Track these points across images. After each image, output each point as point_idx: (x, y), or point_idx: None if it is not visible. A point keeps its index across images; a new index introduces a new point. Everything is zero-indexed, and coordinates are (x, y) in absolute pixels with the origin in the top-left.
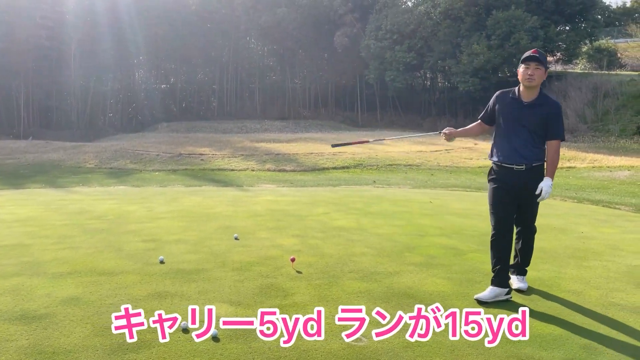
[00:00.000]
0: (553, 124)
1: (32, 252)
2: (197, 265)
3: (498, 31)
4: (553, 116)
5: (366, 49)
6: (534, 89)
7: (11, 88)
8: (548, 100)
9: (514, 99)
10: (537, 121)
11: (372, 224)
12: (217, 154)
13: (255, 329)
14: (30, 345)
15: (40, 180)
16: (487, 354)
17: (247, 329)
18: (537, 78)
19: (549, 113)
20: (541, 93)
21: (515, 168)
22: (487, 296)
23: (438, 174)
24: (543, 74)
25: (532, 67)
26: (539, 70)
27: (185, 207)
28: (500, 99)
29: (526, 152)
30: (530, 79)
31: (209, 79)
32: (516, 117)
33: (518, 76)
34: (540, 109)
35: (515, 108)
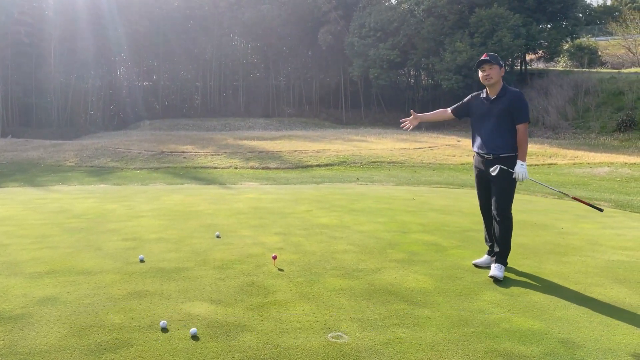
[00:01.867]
0: (517, 109)
1: (10, 252)
2: (178, 264)
3: (481, 29)
4: (515, 103)
5: (350, 47)
6: (495, 85)
7: None
8: (509, 91)
9: (483, 98)
10: (502, 111)
11: (355, 221)
12: (200, 152)
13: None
14: (5, 346)
15: (18, 179)
16: (466, 349)
17: (226, 327)
18: (494, 76)
19: (511, 101)
20: (503, 87)
21: (485, 157)
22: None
23: (421, 171)
24: (499, 71)
25: (487, 69)
26: (493, 70)
27: (166, 206)
28: (474, 98)
29: (495, 142)
30: (488, 77)
31: (192, 76)
32: (485, 112)
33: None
34: (503, 99)
35: (485, 104)
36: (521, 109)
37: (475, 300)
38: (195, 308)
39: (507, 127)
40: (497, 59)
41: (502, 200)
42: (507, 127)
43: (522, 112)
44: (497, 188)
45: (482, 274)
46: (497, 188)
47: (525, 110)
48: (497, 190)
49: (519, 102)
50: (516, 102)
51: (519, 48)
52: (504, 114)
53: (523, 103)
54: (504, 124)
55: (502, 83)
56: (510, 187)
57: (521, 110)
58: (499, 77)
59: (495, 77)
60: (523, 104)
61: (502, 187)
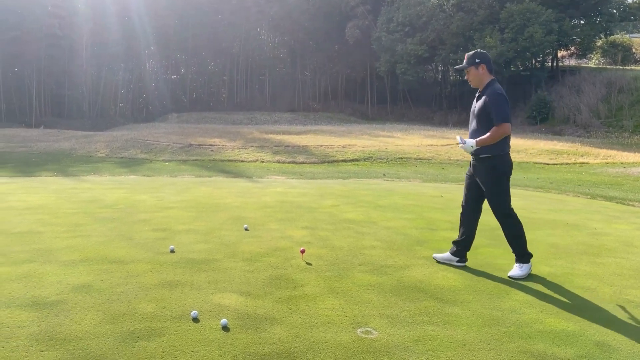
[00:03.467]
0: (490, 110)
1: (44, 240)
2: (208, 255)
3: (512, 24)
4: (489, 103)
5: (377, 42)
6: (479, 84)
7: (24, 77)
8: (487, 90)
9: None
10: (480, 110)
11: (382, 217)
12: (227, 145)
13: (264, 319)
14: (41, 332)
15: (51, 169)
16: (498, 349)
17: (256, 319)
18: (472, 79)
19: (486, 101)
20: (487, 84)
21: (472, 156)
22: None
23: (449, 168)
24: (474, 72)
25: (466, 73)
26: (470, 73)
27: (195, 198)
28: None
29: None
30: (469, 81)
31: (219, 70)
32: (472, 110)
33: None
34: (483, 98)
35: (474, 103)
36: (495, 109)
37: (506, 300)
38: (225, 299)
39: (485, 127)
40: (470, 61)
41: (494, 200)
42: (484, 127)
43: (495, 112)
44: (486, 190)
45: None
46: (486, 190)
47: (498, 111)
48: (487, 193)
49: (492, 103)
50: (490, 103)
51: (550, 44)
52: (481, 114)
53: (495, 103)
54: (482, 124)
55: (488, 80)
56: (497, 186)
57: (495, 111)
58: (479, 77)
59: (473, 80)
60: (495, 105)
61: (488, 187)
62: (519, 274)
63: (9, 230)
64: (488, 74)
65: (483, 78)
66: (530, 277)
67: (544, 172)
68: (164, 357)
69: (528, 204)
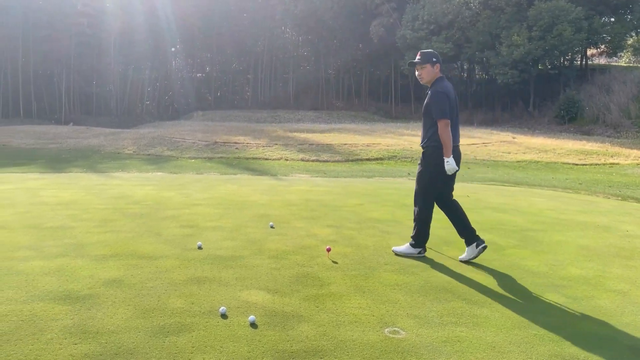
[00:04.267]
0: (430, 106)
1: (75, 235)
2: (234, 252)
3: (540, 22)
4: (430, 99)
5: (402, 40)
6: (427, 83)
7: (54, 75)
8: (432, 87)
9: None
10: (425, 107)
11: (408, 216)
12: (251, 143)
13: (291, 317)
14: (74, 325)
15: (81, 165)
16: (529, 352)
17: (283, 316)
18: (424, 76)
19: (428, 98)
20: (434, 82)
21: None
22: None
23: (475, 167)
24: (430, 69)
25: (418, 69)
26: (424, 70)
27: (221, 195)
28: None
29: (422, 135)
30: (420, 77)
31: (243, 68)
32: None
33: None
34: (428, 95)
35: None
36: (435, 106)
37: (536, 302)
38: (252, 296)
39: (427, 121)
40: (428, 58)
41: (417, 189)
42: (427, 122)
43: (434, 108)
44: (420, 174)
45: (543, 276)
46: (420, 174)
47: (436, 107)
48: (419, 176)
49: (431, 99)
50: (430, 99)
51: (579, 42)
52: (426, 110)
53: (433, 99)
54: (427, 119)
55: (436, 78)
56: (424, 179)
57: (435, 107)
58: (432, 75)
59: (426, 77)
60: (433, 101)
61: (418, 178)
62: (400, 250)
63: (41, 224)
64: (439, 73)
65: (434, 76)
66: (561, 279)
67: (573, 172)
68: (193, 352)
69: (557, 205)
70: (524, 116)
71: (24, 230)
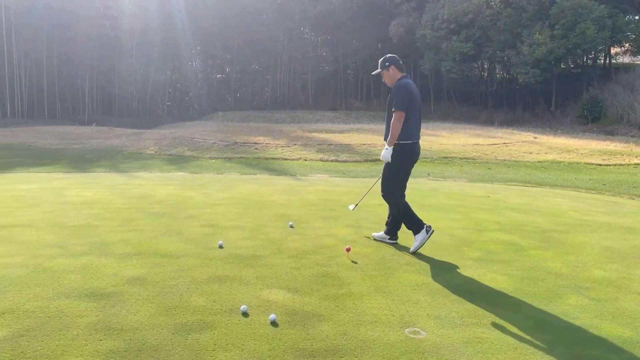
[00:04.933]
0: (392, 100)
1: (99, 233)
2: (254, 252)
3: (562, 20)
4: (392, 95)
5: (422, 39)
6: (392, 84)
7: (77, 76)
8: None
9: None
10: (388, 102)
11: (428, 217)
12: (271, 144)
13: (311, 316)
14: (99, 322)
15: (104, 165)
16: (551, 353)
17: (303, 315)
18: (387, 79)
19: (391, 93)
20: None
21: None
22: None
23: (495, 167)
24: (386, 74)
25: (382, 76)
26: (384, 76)
27: (241, 195)
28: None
29: (385, 133)
30: (386, 83)
31: (263, 69)
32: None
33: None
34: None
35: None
36: (395, 99)
37: (559, 304)
38: (272, 295)
39: (391, 117)
40: (382, 65)
41: (387, 179)
42: (389, 117)
43: (394, 101)
44: (385, 170)
45: (566, 278)
46: (385, 170)
47: (396, 100)
48: (384, 172)
49: (393, 93)
50: (392, 93)
51: (603, 41)
52: (388, 105)
53: (395, 93)
54: (389, 116)
55: (399, 77)
56: (394, 169)
57: (395, 100)
58: (391, 77)
59: (389, 80)
60: (395, 94)
61: (387, 168)
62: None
63: (66, 223)
64: (399, 72)
65: (394, 76)
66: (584, 281)
67: (596, 173)
68: (215, 349)
69: (581, 206)
70: (545, 116)
71: (49, 229)
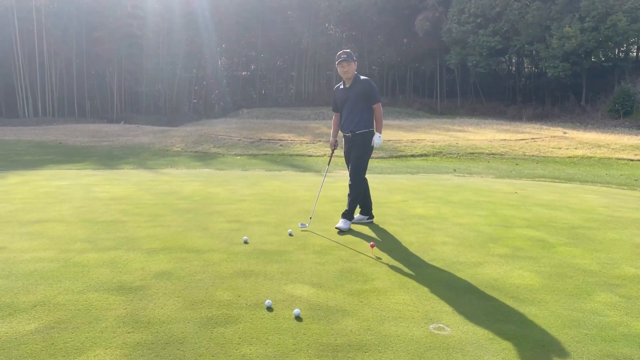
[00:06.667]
0: (369, 94)
1: (127, 229)
2: (279, 247)
3: (593, 12)
4: (366, 89)
5: (448, 34)
6: (350, 78)
7: (105, 75)
8: (359, 80)
9: (342, 89)
10: (356, 95)
11: (453, 213)
12: (295, 140)
13: (336, 311)
14: (127, 315)
15: (132, 162)
16: (579, 351)
17: (327, 310)
18: (350, 71)
19: (363, 88)
20: (355, 77)
21: (346, 134)
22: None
23: (523, 163)
24: (354, 66)
25: (345, 65)
26: (350, 66)
27: (266, 191)
28: (336, 90)
29: (353, 122)
30: (347, 73)
31: (288, 66)
32: (345, 99)
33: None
34: (356, 88)
35: (344, 94)
36: (373, 92)
37: (588, 301)
38: (297, 290)
39: (365, 107)
40: (353, 57)
41: (358, 164)
42: (365, 108)
43: (373, 94)
44: (354, 155)
45: (595, 275)
46: (354, 155)
47: (375, 93)
48: (354, 157)
49: (370, 87)
50: (367, 88)
51: (635, 33)
52: (358, 99)
53: (373, 87)
54: (358, 107)
55: (354, 74)
56: (365, 155)
57: (372, 93)
58: (354, 71)
59: (351, 72)
60: (373, 88)
61: (359, 154)
62: (344, 227)
63: (95, 219)
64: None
65: (354, 72)
66: (615, 278)
67: (628, 168)
68: (240, 343)
69: (611, 202)
70: (575, 110)
71: (79, 224)
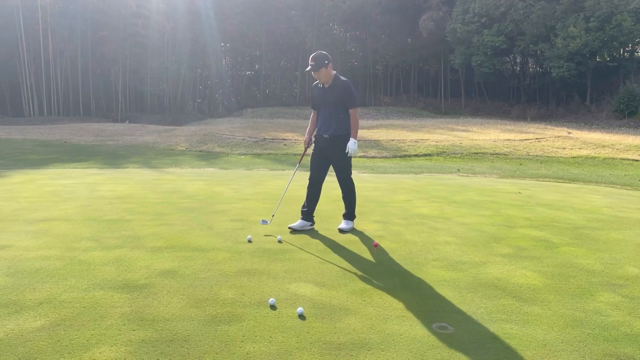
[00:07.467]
0: (346, 98)
1: (132, 227)
2: (283, 246)
3: (598, 12)
4: (345, 92)
5: (452, 34)
6: (327, 81)
7: (110, 74)
8: (338, 82)
9: (320, 87)
10: (335, 100)
11: (457, 212)
12: (299, 140)
13: (339, 310)
14: (132, 312)
15: (136, 161)
16: (582, 351)
17: (331, 309)
18: (323, 77)
19: (342, 91)
20: (334, 77)
21: (324, 136)
22: (297, 225)
23: (527, 163)
24: (326, 71)
25: (315, 75)
26: (321, 73)
27: (269, 190)
28: (315, 87)
29: (331, 124)
30: (320, 80)
31: (292, 65)
32: (322, 99)
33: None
34: (336, 89)
35: (322, 93)
36: (350, 98)
37: (590, 301)
38: (300, 289)
39: (342, 111)
40: (321, 63)
41: (344, 167)
42: (341, 111)
43: (351, 99)
44: (337, 160)
45: (598, 275)
46: (337, 160)
47: (354, 98)
48: (337, 162)
49: (348, 92)
50: (346, 92)
51: None
52: (337, 102)
53: (349, 90)
54: (339, 109)
55: (334, 74)
56: (343, 158)
57: (350, 99)
58: (329, 74)
59: (325, 77)
60: (349, 91)
61: (340, 158)
62: (347, 228)
63: (101, 217)
64: (332, 69)
65: (331, 73)
66: (618, 278)
67: (633, 168)
68: (244, 341)
69: (615, 202)
70: (580, 110)
71: (85, 222)
